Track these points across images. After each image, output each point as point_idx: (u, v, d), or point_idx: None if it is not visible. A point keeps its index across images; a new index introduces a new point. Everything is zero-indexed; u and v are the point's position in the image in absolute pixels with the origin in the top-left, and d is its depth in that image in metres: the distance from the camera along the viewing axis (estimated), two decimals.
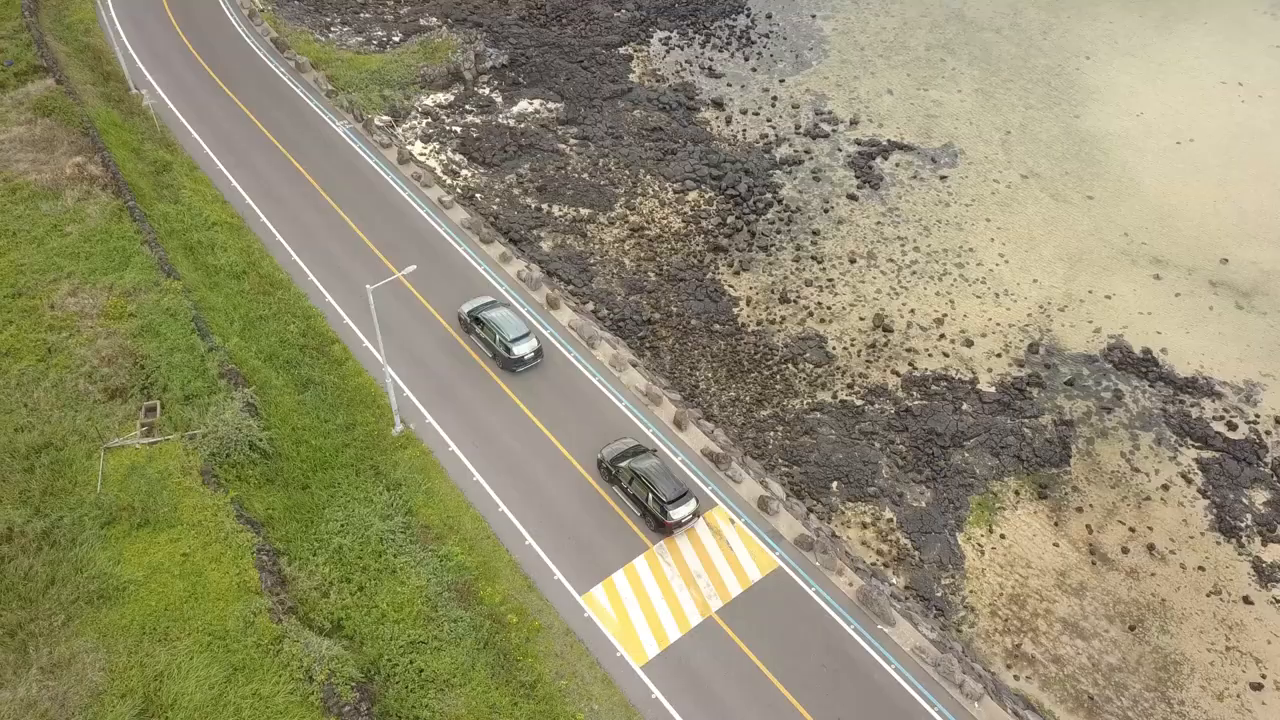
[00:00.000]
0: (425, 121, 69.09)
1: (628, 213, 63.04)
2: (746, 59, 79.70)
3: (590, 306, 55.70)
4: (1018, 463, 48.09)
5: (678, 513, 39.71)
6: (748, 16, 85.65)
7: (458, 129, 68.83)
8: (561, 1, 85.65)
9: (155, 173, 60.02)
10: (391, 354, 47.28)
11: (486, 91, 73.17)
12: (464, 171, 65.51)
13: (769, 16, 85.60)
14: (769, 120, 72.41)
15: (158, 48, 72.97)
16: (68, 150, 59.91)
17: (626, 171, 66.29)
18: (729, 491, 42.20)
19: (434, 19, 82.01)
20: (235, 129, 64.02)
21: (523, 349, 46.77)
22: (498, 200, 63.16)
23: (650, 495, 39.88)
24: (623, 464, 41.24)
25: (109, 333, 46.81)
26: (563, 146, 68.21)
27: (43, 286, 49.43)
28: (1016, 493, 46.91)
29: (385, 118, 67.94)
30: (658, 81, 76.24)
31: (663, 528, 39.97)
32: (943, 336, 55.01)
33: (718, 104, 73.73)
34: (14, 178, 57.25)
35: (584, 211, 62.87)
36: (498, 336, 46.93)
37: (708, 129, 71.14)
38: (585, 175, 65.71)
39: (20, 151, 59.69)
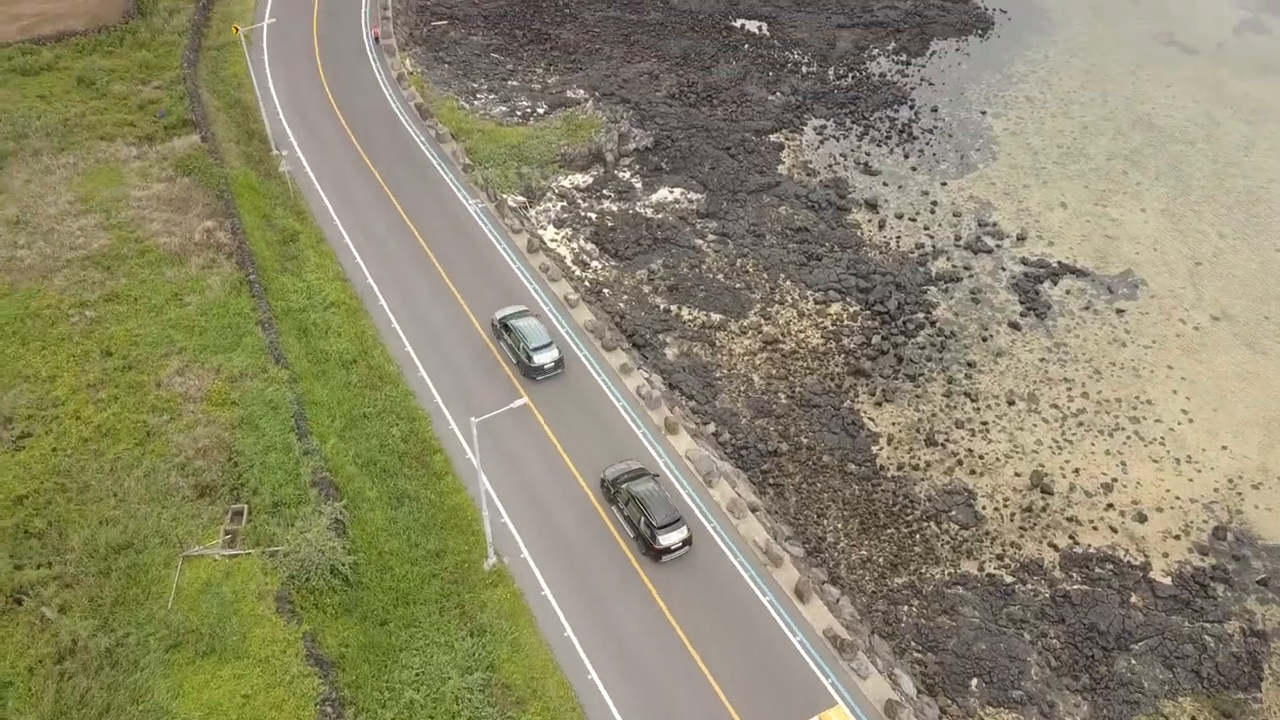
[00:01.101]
0: (560, 205, 66.52)
1: (762, 322, 58.63)
2: (906, 156, 74.57)
3: (711, 428, 51.38)
4: (1195, 680, 41.05)
5: (668, 538, 40.24)
6: (911, 109, 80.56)
7: (592, 215, 65.98)
8: (715, 80, 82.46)
9: (282, 242, 59.03)
10: (496, 477, 43.95)
11: (627, 176, 70.25)
12: (594, 263, 62.43)
13: (934, 110, 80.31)
14: (926, 228, 66.99)
15: (304, 105, 73.02)
16: (201, 213, 59.61)
17: (765, 275, 61.97)
18: (852, 688, 36.83)
19: (582, 91, 79.97)
20: (367, 199, 62.78)
21: (543, 358, 48.94)
22: (626, 297, 59.73)
23: (643, 519, 40.61)
24: (622, 485, 42.13)
25: (208, 420, 45.16)
26: (700, 242, 64.45)
27: (153, 361, 48.41)
28: (1193, 719, 39.86)
29: (519, 198, 65.67)
30: (808, 175, 71.86)
31: (652, 552, 40.51)
32: (1111, 506, 48.32)
33: (871, 205, 68.78)
34: (145, 239, 57.10)
35: (715, 317, 58.78)
36: (522, 344, 49.19)
37: (858, 233, 66.23)
38: (720, 276, 61.71)
39: (156, 211, 59.68)
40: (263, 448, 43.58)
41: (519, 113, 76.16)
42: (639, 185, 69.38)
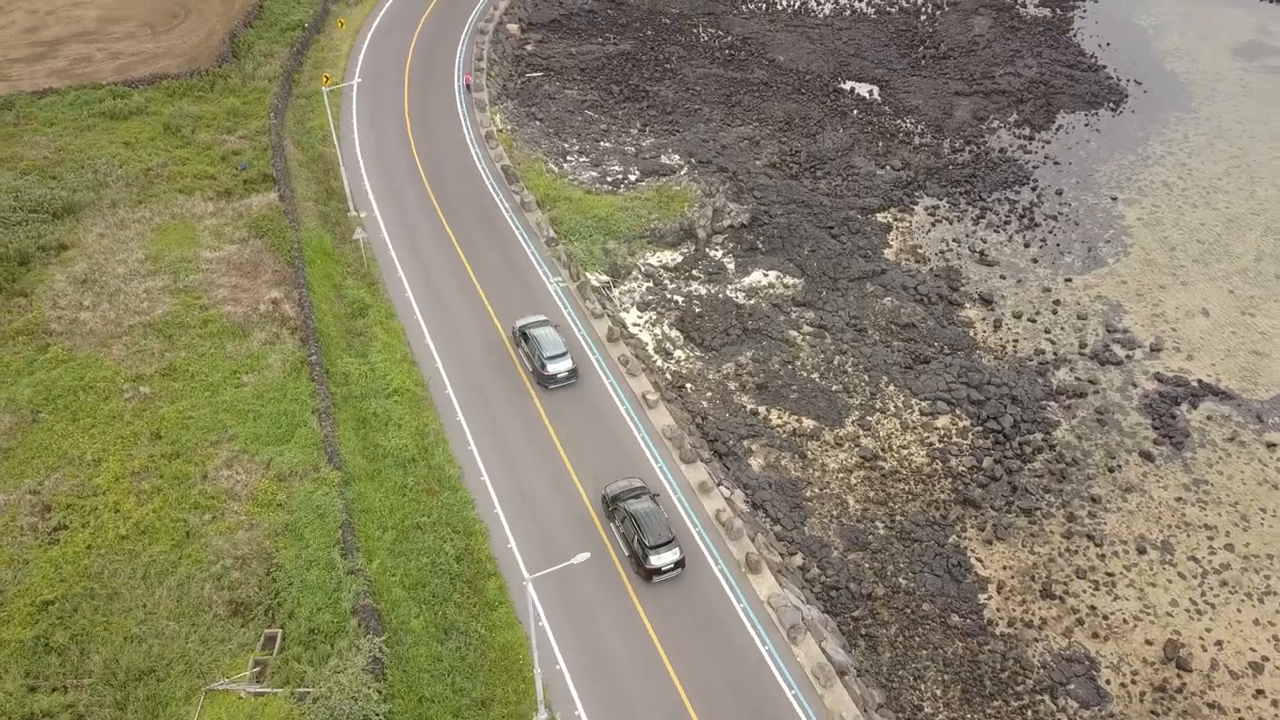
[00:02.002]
0: (646, 285, 62.57)
1: (860, 432, 53.49)
2: (1027, 245, 68.64)
3: (798, 560, 46.39)
4: None
5: (659, 559, 40.60)
6: (1033, 190, 74.58)
7: (679, 299, 61.80)
8: (819, 149, 77.81)
9: (351, 316, 56.28)
10: (555, 621, 39.77)
11: (719, 255, 65.98)
12: (678, 352, 58.18)
13: (1059, 193, 74.15)
14: (1047, 331, 61.01)
15: (388, 161, 70.78)
16: (270, 280, 57.35)
17: (866, 377, 56.85)
18: None
19: (677, 156, 76.15)
20: (443, 272, 59.78)
21: (556, 368, 50.37)
22: (710, 394, 55.28)
23: (636, 537, 40.92)
24: (620, 502, 42.62)
25: (251, 524, 42.15)
26: (795, 334, 59.69)
27: (202, 450, 45.79)
28: None
29: (603, 277, 61.90)
30: (917, 262, 66.53)
31: (642, 571, 40.88)
32: (1261, 693, 41.78)
33: (986, 301, 63.09)
34: (210, 306, 54.97)
35: (808, 423, 53.85)
36: (537, 353, 50.55)
37: (971, 333, 60.63)
38: (816, 376, 56.80)
39: (225, 275, 57.60)
40: (304, 562, 40.27)
41: (609, 179, 72.64)
42: (731, 266, 65.01)
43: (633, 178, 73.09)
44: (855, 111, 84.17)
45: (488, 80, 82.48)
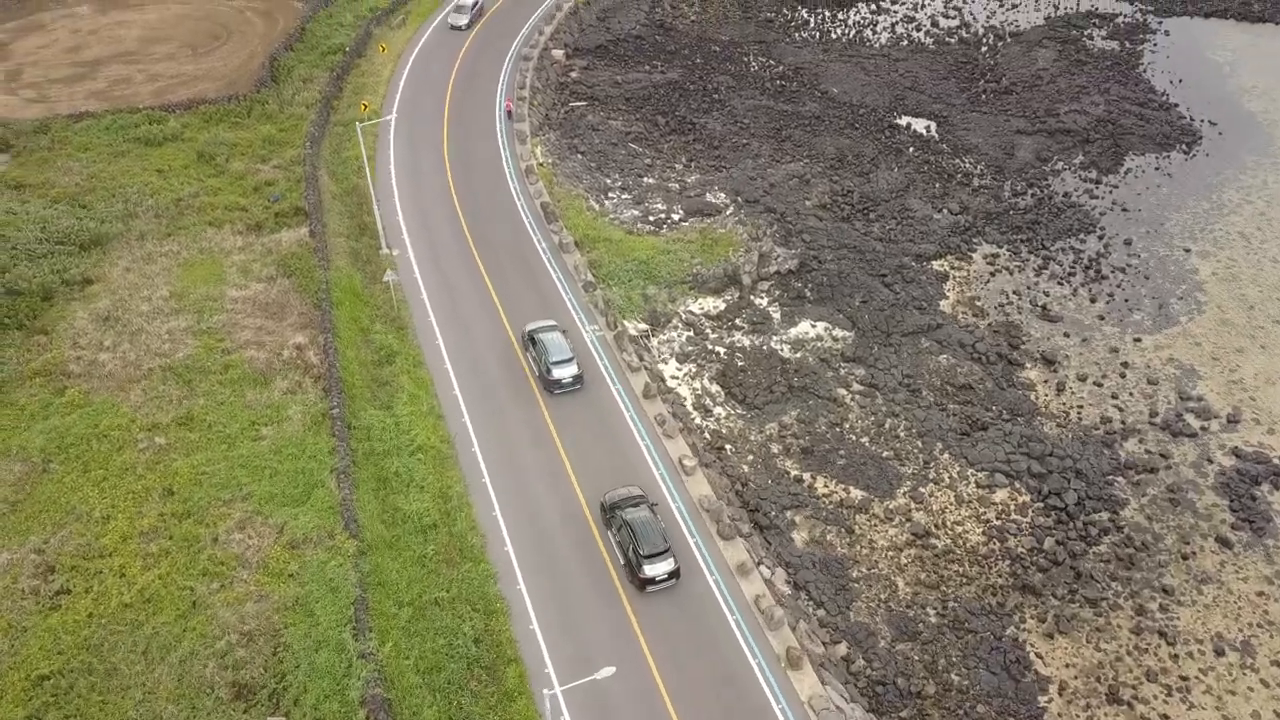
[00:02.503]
0: (686, 335, 59.81)
1: (912, 505, 50.26)
2: (1093, 300, 64.93)
3: (842, 649, 43.26)
4: None
5: (653, 569, 40.98)
6: (1100, 239, 70.81)
7: (721, 350, 58.97)
8: (873, 189, 74.64)
9: (377, 363, 54.17)
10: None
11: (764, 303, 63.07)
12: (718, 409, 55.35)
13: (1127, 243, 70.33)
14: (1115, 397, 57.33)
15: (424, 195, 68.84)
16: (295, 322, 55.47)
17: (919, 444, 53.61)
18: None
19: (723, 195, 73.43)
20: (476, 316, 57.55)
21: (561, 373, 51.28)
22: (751, 457, 52.36)
23: (632, 545, 41.39)
24: (618, 510, 43.09)
25: (260, 595, 40.05)
26: (843, 393, 56.60)
27: (214, 509, 43.83)
28: None
29: (641, 326, 59.26)
30: (976, 315, 63.13)
31: (636, 580, 41.30)
32: None
33: (1048, 361, 59.54)
34: (232, 350, 53.17)
35: (856, 493, 50.73)
36: (543, 358, 51.59)
37: (1031, 397, 57.13)
38: (865, 440, 53.67)
39: (250, 316, 55.81)
40: (314, 642, 38.02)
41: (652, 218, 70.08)
42: (777, 315, 62.06)
43: (676, 217, 70.46)
44: (911, 149, 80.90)
45: (530, 109, 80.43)
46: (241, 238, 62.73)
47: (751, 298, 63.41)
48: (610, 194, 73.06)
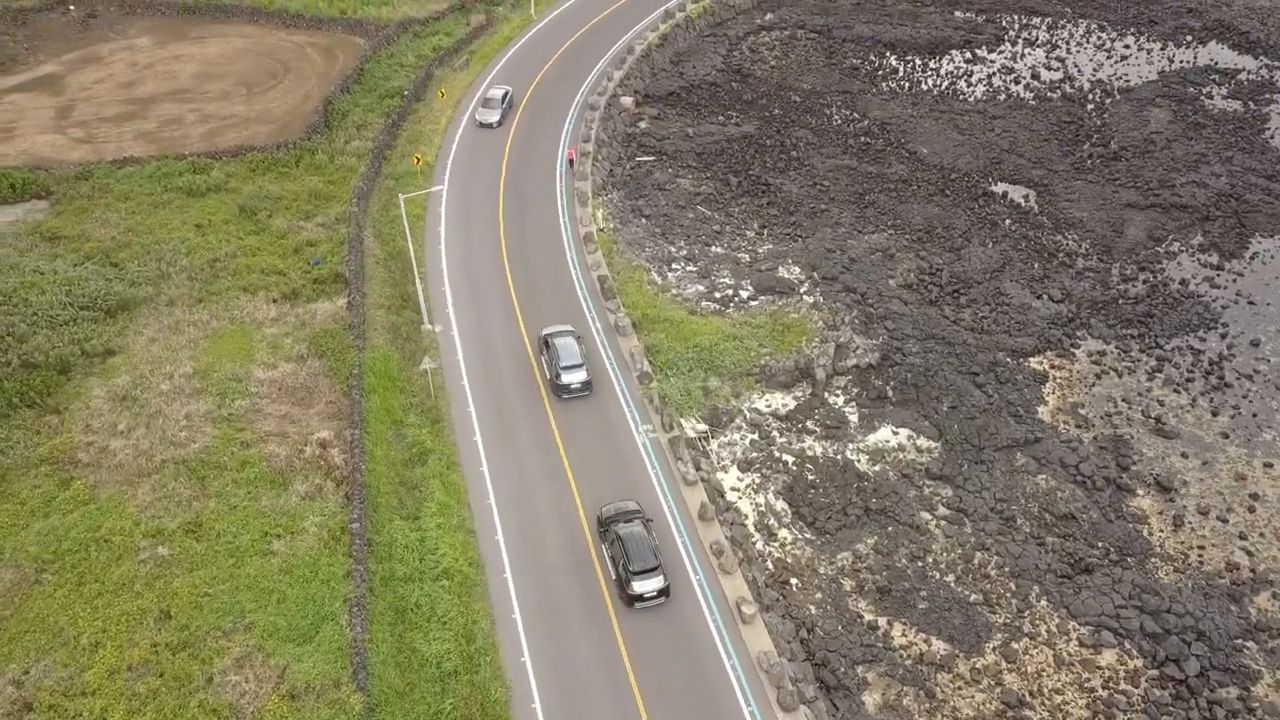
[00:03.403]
0: (750, 438, 54.30)
1: (1004, 665, 44.01)
2: (1215, 412, 57.85)
3: None
4: None
5: (641, 585, 41.58)
6: (1223, 338, 63.53)
7: (789, 458, 53.31)
8: (964, 268, 68.38)
9: (408, 463, 49.75)
10: None
11: (840, 402, 57.28)
12: (783, 532, 49.72)
13: (1255, 344, 62.97)
14: (1243, 537, 50.34)
15: (473, 265, 64.56)
16: (323, 412, 51.38)
17: (1013, 586, 47.35)
18: None
19: (797, 269, 67.88)
20: (520, 411, 52.94)
21: (570, 378, 52.60)
22: (819, 595, 46.62)
23: (622, 560, 41.98)
24: (612, 524, 43.80)
25: None
26: (927, 517, 50.57)
27: (213, 641, 39.77)
28: None
29: (700, 426, 53.93)
30: (1079, 426, 56.55)
31: (625, 596, 41.85)
32: None
33: (1163, 487, 52.74)
34: (252, 443, 49.25)
35: (938, 646, 44.66)
36: (555, 363, 52.86)
37: (1144, 532, 50.43)
38: (951, 578, 47.58)
39: (275, 402, 51.93)
40: None
41: (718, 294, 64.79)
42: (854, 418, 56.23)
43: (745, 294, 65.07)
44: (1008, 221, 74.36)
45: (593, 166, 75.83)
46: (275, 307, 59.08)
47: (826, 395, 57.66)
48: (674, 265, 67.94)
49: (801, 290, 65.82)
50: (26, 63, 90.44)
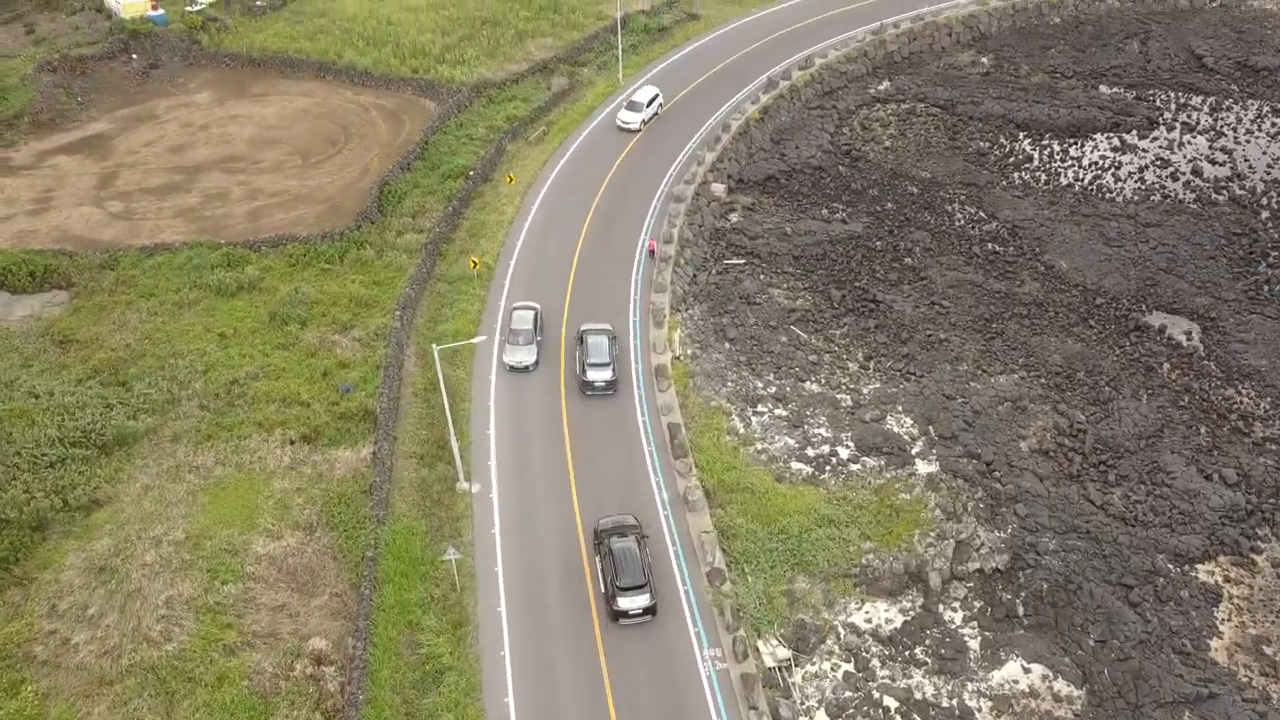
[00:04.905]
0: (844, 669, 44.50)
1: None
2: None
3: None
4: None
5: (625, 602, 42.65)
6: None
7: (893, 702, 43.31)
8: (1112, 431, 57.44)
9: (418, 685, 41.71)
10: None
11: (958, 620, 47.10)
12: None
13: None
14: None
15: (524, 404, 56.16)
16: (325, 607, 44.02)
17: None
18: None
19: (909, 421, 57.92)
20: (561, 623, 44.12)
21: (594, 375, 55.11)
22: None
23: (610, 576, 43.14)
24: (606, 537, 45.18)
25: None
26: None
27: None
28: None
29: (782, 652, 44.29)
30: (1265, 674, 45.33)
31: (610, 611, 43.03)
32: None
33: None
34: (238, 648, 42.05)
35: None
36: (584, 359, 55.47)
37: None
38: None
39: (272, 588, 45.46)
40: None
41: (812, 451, 55.24)
42: (975, 646, 45.97)
43: (844, 454, 55.35)
44: (1166, 367, 63.00)
45: (674, 273, 67.00)
46: (291, 451, 51.69)
47: (941, 608, 47.49)
48: (760, 406, 58.52)
49: (914, 451, 55.77)
50: (78, 119, 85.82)
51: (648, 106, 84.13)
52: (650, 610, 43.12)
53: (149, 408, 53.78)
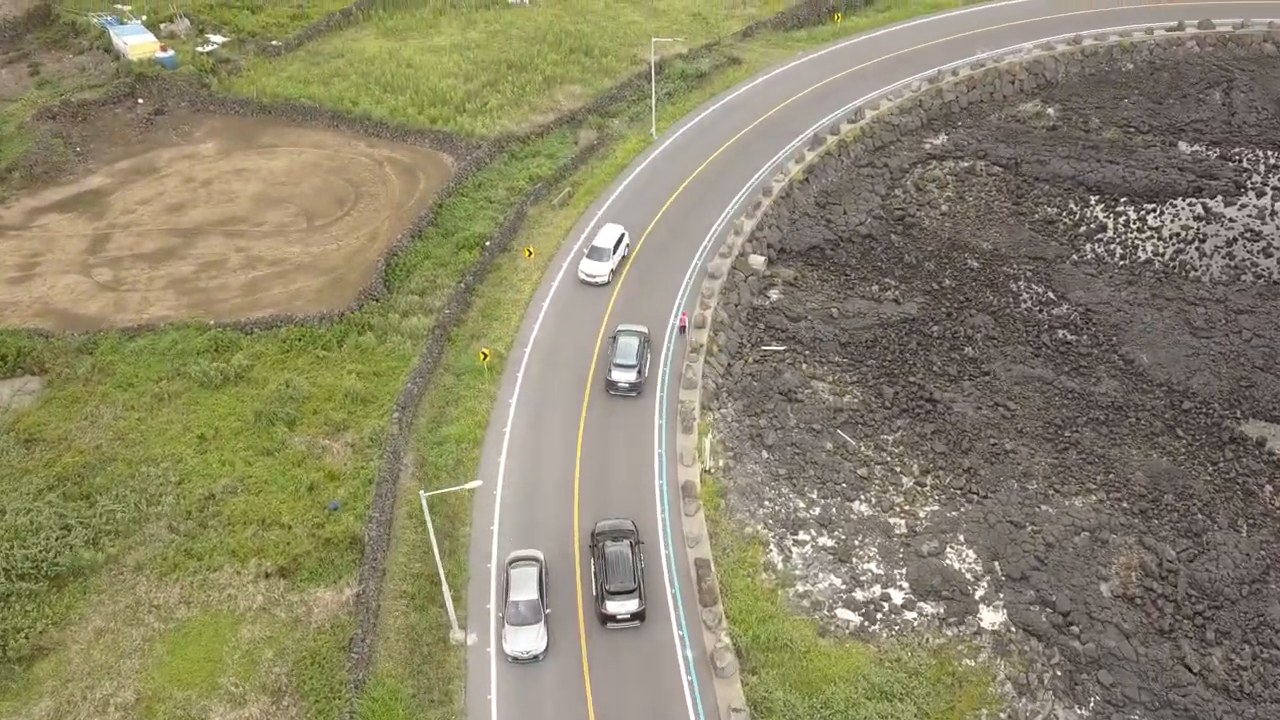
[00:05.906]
0: None
1: None
2: None
3: None
4: None
5: (613, 606, 43.08)
6: None
7: None
8: (1209, 573, 50.27)
9: None
10: None
11: None
12: None
13: None
14: None
15: (530, 532, 49.92)
16: None
17: None
18: None
19: (972, 555, 51.20)
20: None
21: (618, 375, 56.59)
22: None
23: (601, 579, 43.59)
24: (601, 539, 45.58)
25: None
26: None
27: None
28: None
29: None
30: None
31: (598, 615, 43.42)
32: None
33: None
34: None
35: None
36: (611, 358, 57.12)
37: None
38: None
39: None
40: None
41: (860, 594, 48.65)
42: None
43: (898, 597, 48.68)
44: (1268, 488, 55.68)
45: (706, 361, 60.72)
46: (265, 586, 46.01)
47: None
48: (802, 534, 52.00)
49: (977, 595, 48.96)
50: (74, 173, 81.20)
51: (614, 251, 67.70)
52: (638, 616, 43.45)
53: (112, 528, 48.35)
